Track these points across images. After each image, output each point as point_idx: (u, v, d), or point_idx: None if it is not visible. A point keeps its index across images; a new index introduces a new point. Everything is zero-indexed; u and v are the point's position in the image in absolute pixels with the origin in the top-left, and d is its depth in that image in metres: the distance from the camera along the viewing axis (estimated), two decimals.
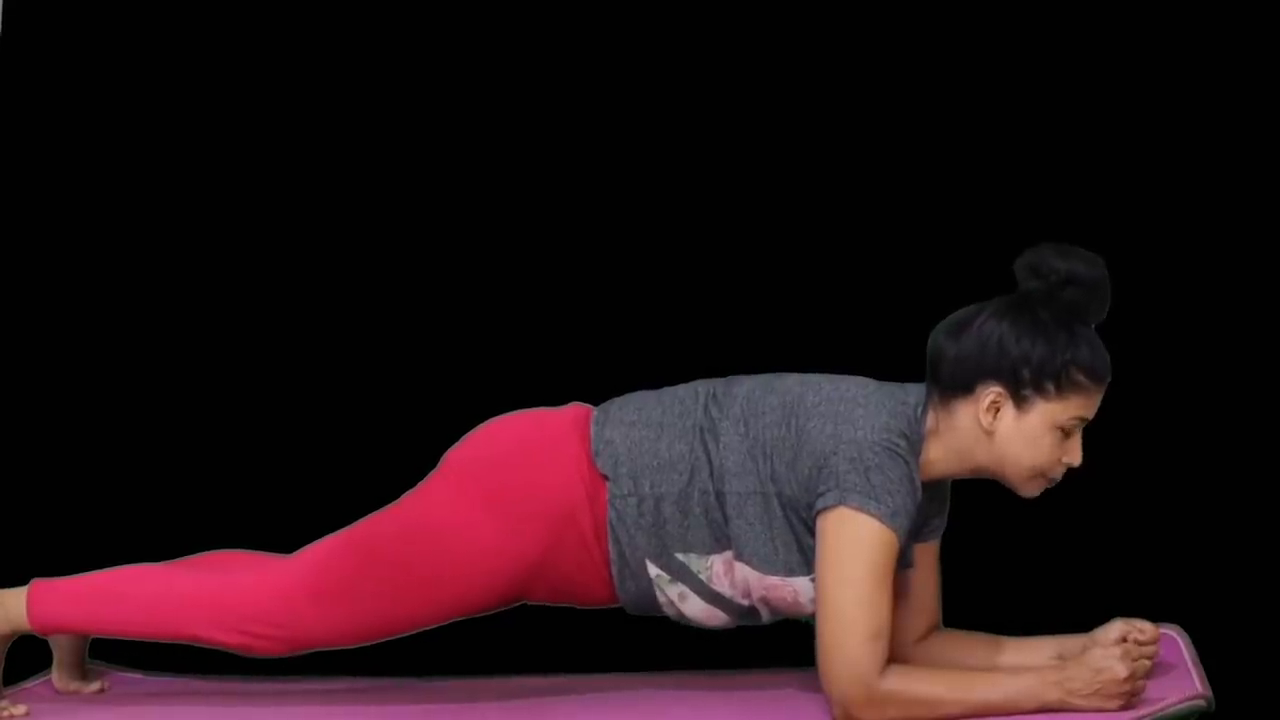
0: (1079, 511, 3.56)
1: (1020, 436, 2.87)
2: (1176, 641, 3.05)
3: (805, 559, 2.90)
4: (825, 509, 2.83)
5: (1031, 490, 2.94)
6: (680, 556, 2.94)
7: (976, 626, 3.07)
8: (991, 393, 2.87)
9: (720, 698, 3.08)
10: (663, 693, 3.12)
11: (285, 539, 3.10)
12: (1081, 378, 2.86)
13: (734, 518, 2.91)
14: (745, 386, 2.97)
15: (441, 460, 3.04)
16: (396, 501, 3.03)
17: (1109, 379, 2.88)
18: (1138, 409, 3.57)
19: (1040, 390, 2.86)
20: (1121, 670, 2.78)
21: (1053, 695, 2.80)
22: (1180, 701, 2.80)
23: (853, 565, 2.81)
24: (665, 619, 3.06)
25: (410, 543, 2.96)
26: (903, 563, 2.90)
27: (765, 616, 3.00)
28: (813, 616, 2.90)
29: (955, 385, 2.89)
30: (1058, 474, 2.91)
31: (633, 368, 3.23)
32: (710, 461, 2.92)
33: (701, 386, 3.01)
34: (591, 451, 2.97)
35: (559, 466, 2.97)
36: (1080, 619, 3.02)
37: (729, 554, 2.93)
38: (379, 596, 2.96)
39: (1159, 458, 3.55)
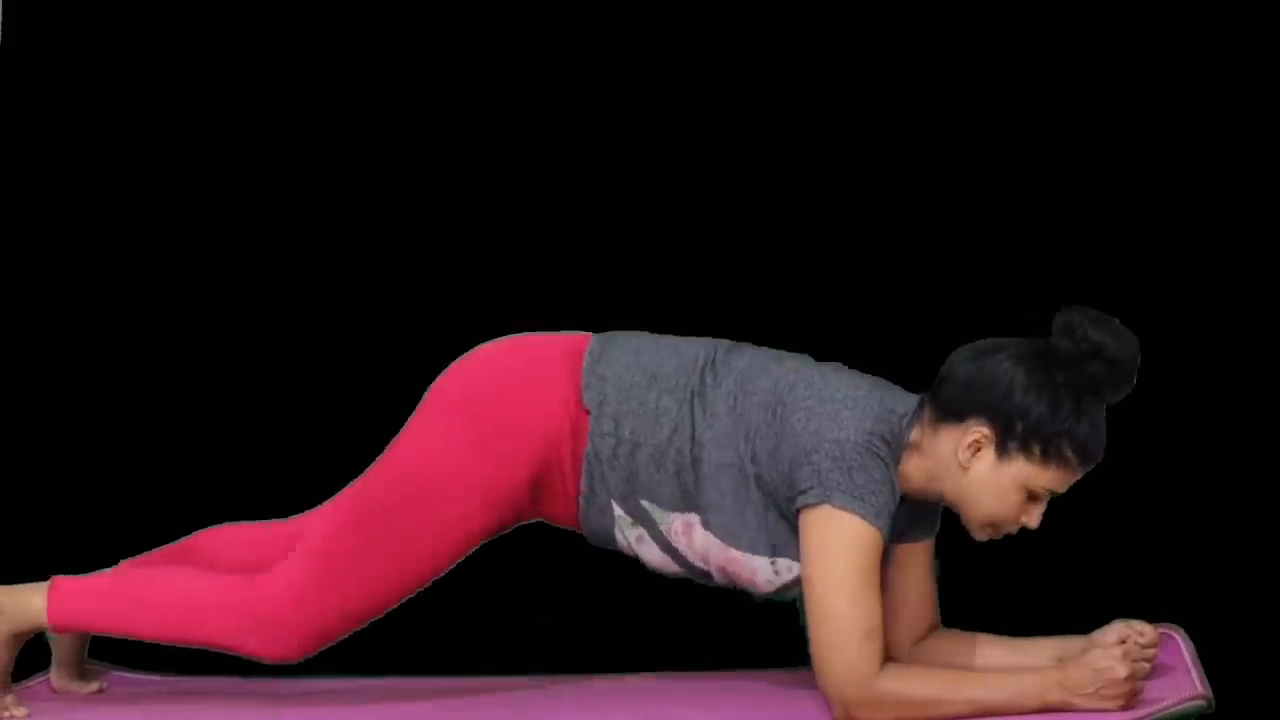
0: (1079, 512, 3.55)
1: (990, 484, 2.87)
2: (1176, 642, 3.05)
3: (769, 541, 2.91)
4: (809, 505, 2.84)
5: (980, 536, 2.94)
6: (645, 504, 2.95)
7: (977, 627, 3.07)
8: (978, 431, 2.86)
9: (720, 698, 3.08)
10: (663, 693, 3.12)
11: (283, 499, 3.10)
12: (1069, 453, 2.85)
13: (708, 486, 2.91)
14: (744, 360, 2.96)
15: (426, 394, 3.02)
16: (383, 454, 3.01)
17: (1097, 462, 2.87)
18: (1137, 409, 3.57)
19: (1025, 449, 2.85)
20: (1121, 670, 2.78)
21: (1053, 695, 2.80)
22: (1180, 701, 2.80)
23: (840, 565, 2.81)
24: (668, 618, 3.06)
25: (405, 499, 2.95)
26: (883, 562, 2.90)
27: (718, 581, 3.00)
28: (765, 596, 2.93)
29: (949, 409, 2.88)
30: (1011, 530, 2.92)
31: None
32: (694, 425, 2.92)
33: (705, 348, 2.99)
34: (581, 383, 2.97)
35: (545, 398, 2.96)
36: (1080, 619, 3.02)
37: (691, 515, 2.93)
38: (389, 560, 2.96)
39: (1159, 458, 3.55)
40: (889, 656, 2.86)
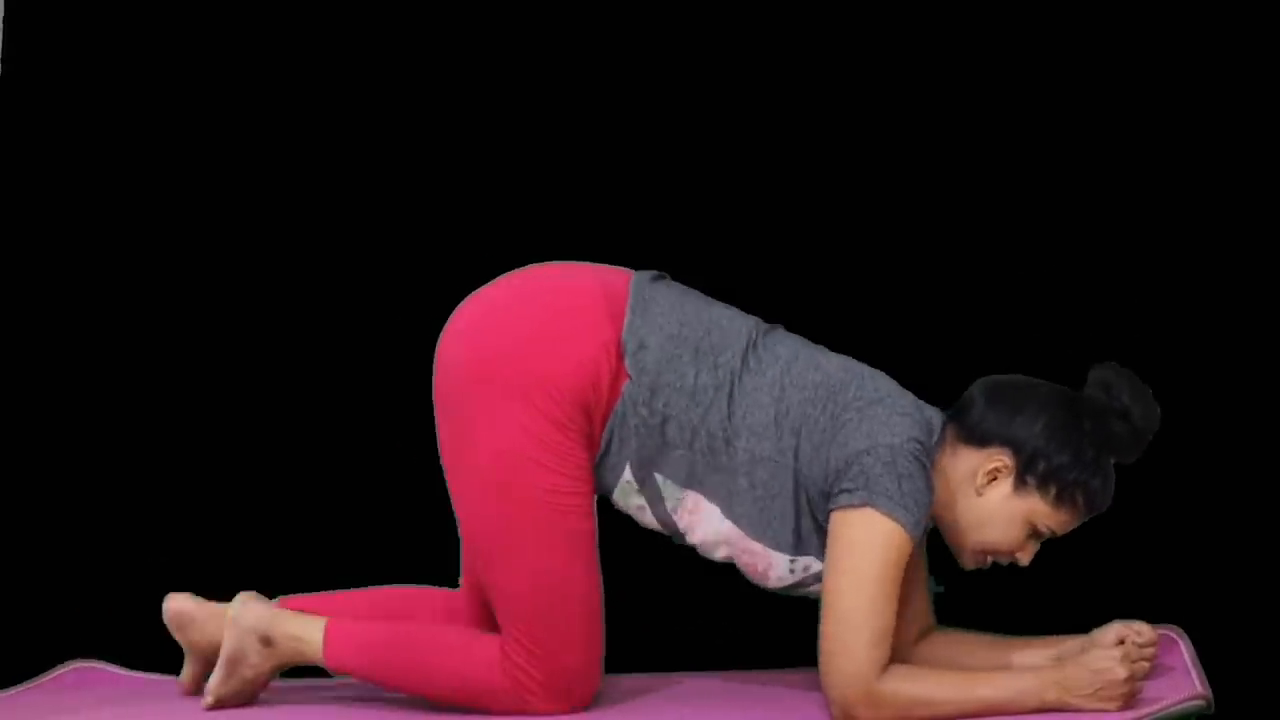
0: None
1: (1001, 513, 2.90)
2: (1176, 642, 3.05)
3: (795, 540, 2.91)
4: (850, 506, 2.83)
5: (969, 563, 2.97)
6: (659, 477, 2.93)
7: (977, 627, 3.07)
8: (1000, 460, 2.89)
9: (721, 698, 3.08)
10: (663, 693, 3.12)
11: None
12: (1081, 500, 2.90)
13: (739, 473, 2.90)
14: (788, 349, 2.95)
15: (462, 367, 2.94)
16: (462, 470, 2.95)
17: (1094, 513, 2.93)
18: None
19: (1043, 487, 2.89)
20: (1121, 671, 2.79)
21: (1052, 695, 2.81)
22: (1180, 702, 2.80)
23: (870, 567, 2.81)
24: (667, 619, 3.07)
25: (517, 510, 2.91)
26: None
27: (717, 558, 2.99)
28: (772, 590, 2.94)
29: (974, 434, 2.91)
30: (1001, 562, 2.95)
31: None
32: (731, 409, 2.90)
33: (747, 326, 2.97)
34: (622, 341, 2.92)
35: (585, 350, 2.91)
36: (1079, 620, 3.02)
37: (704, 495, 2.92)
38: (559, 571, 2.92)
39: (1158, 458, 3.55)
40: (889, 657, 2.86)
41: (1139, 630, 2.87)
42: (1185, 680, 2.89)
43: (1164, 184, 3.59)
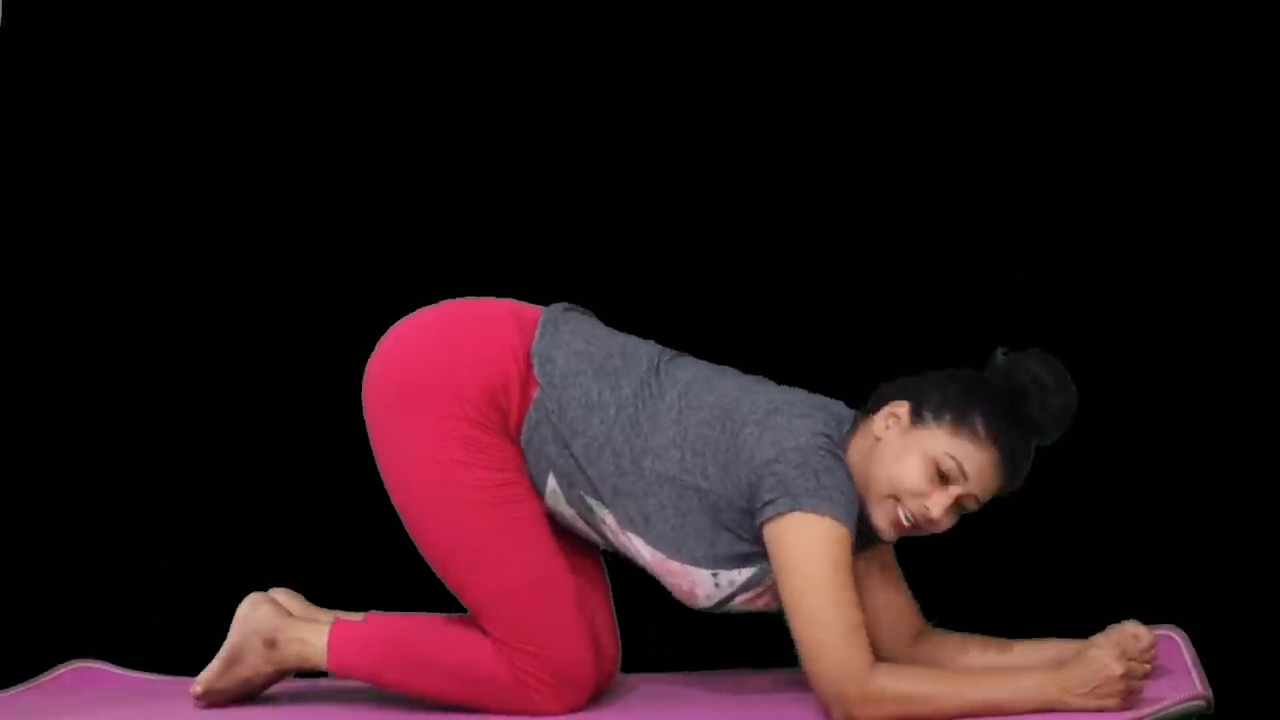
0: (1078, 512, 3.56)
1: (897, 448, 2.88)
2: (1176, 642, 3.05)
3: (713, 554, 2.91)
4: (777, 515, 2.83)
5: (885, 524, 2.91)
6: (581, 492, 2.97)
7: (976, 628, 3.07)
8: (897, 407, 2.90)
9: (720, 698, 3.08)
10: (662, 693, 3.12)
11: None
12: (980, 426, 2.86)
13: (650, 494, 2.92)
14: (687, 373, 2.98)
15: (377, 400, 2.99)
16: (405, 491, 2.98)
17: (1003, 455, 2.86)
18: (1137, 409, 3.57)
19: (938, 418, 2.88)
20: (1116, 667, 2.77)
21: (1052, 693, 2.80)
22: (1180, 702, 2.79)
23: (817, 566, 2.81)
24: (667, 618, 3.07)
25: (467, 510, 2.94)
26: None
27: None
28: (705, 609, 2.95)
29: (875, 405, 2.94)
30: (912, 510, 2.88)
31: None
32: (636, 429, 2.92)
33: (650, 352, 3.01)
34: (532, 348, 2.98)
35: (496, 347, 2.96)
36: (1079, 620, 3.03)
37: (622, 517, 2.94)
38: (515, 570, 2.94)
39: (1158, 458, 3.55)
40: (885, 659, 2.86)
41: (1137, 634, 2.87)
42: (1185, 680, 2.89)
43: (1141, 189, 3.60)
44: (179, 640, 3.46)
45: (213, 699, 3.07)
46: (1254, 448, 3.53)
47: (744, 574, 2.93)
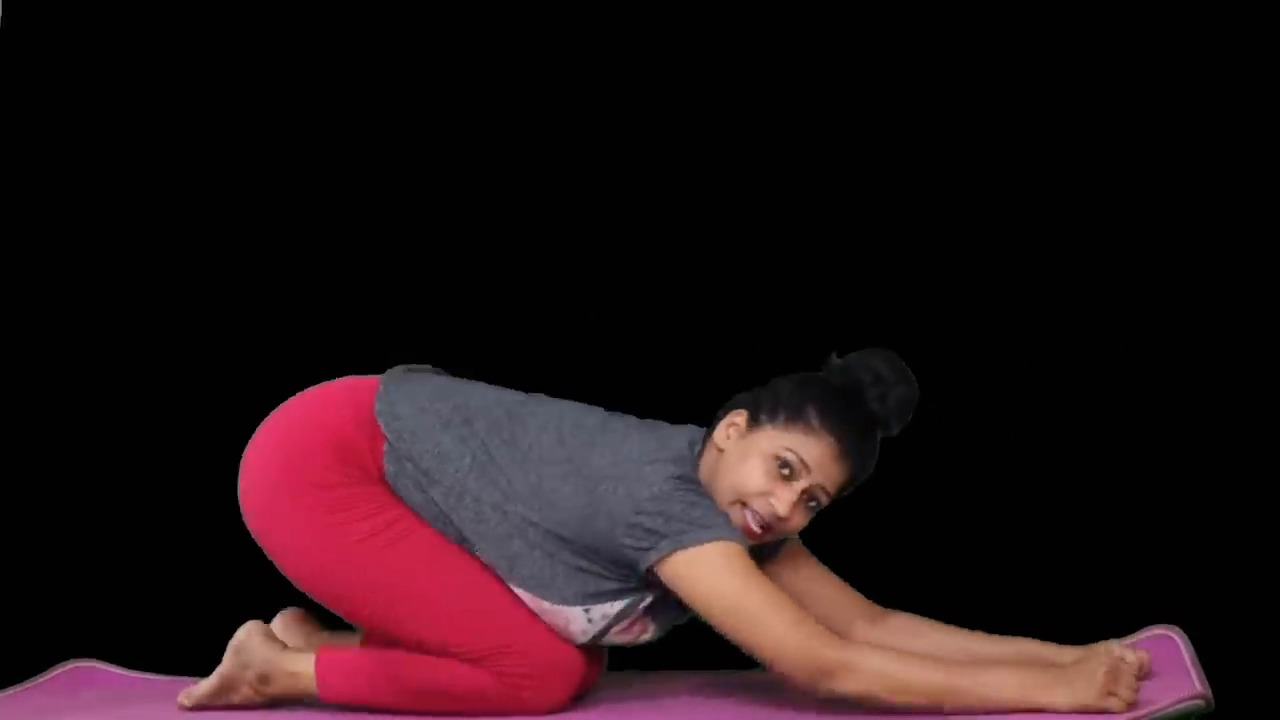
0: (1078, 512, 3.56)
1: (739, 452, 2.91)
2: (1175, 642, 3.05)
3: (583, 592, 2.92)
4: (663, 558, 2.85)
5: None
6: (459, 535, 2.98)
7: (974, 627, 3.06)
8: (734, 415, 2.94)
9: (720, 698, 3.07)
10: (661, 693, 3.12)
11: None
12: (813, 415, 2.89)
13: (514, 537, 2.94)
14: (538, 420, 2.99)
15: (248, 510, 3.05)
16: (305, 574, 3.03)
17: (842, 443, 2.88)
18: (1136, 409, 3.57)
19: (772, 417, 2.91)
20: (1099, 669, 2.75)
21: (1031, 688, 2.77)
22: (1180, 702, 2.79)
23: (732, 585, 2.82)
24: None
25: (367, 564, 2.96)
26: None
27: None
28: (585, 644, 2.96)
29: (717, 420, 2.96)
30: (760, 512, 2.89)
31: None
32: (491, 476, 2.95)
33: (500, 398, 3.04)
34: (375, 409, 3.01)
35: (322, 417, 3.02)
36: (1078, 620, 3.02)
37: (489, 561, 2.97)
38: (454, 593, 2.97)
39: (1158, 458, 3.55)
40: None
41: (1122, 654, 2.85)
42: (1185, 680, 2.89)
43: (1141, 189, 3.60)
44: (179, 640, 3.47)
45: (201, 709, 3.08)
46: (1253, 448, 3.53)
47: (616, 606, 2.94)
